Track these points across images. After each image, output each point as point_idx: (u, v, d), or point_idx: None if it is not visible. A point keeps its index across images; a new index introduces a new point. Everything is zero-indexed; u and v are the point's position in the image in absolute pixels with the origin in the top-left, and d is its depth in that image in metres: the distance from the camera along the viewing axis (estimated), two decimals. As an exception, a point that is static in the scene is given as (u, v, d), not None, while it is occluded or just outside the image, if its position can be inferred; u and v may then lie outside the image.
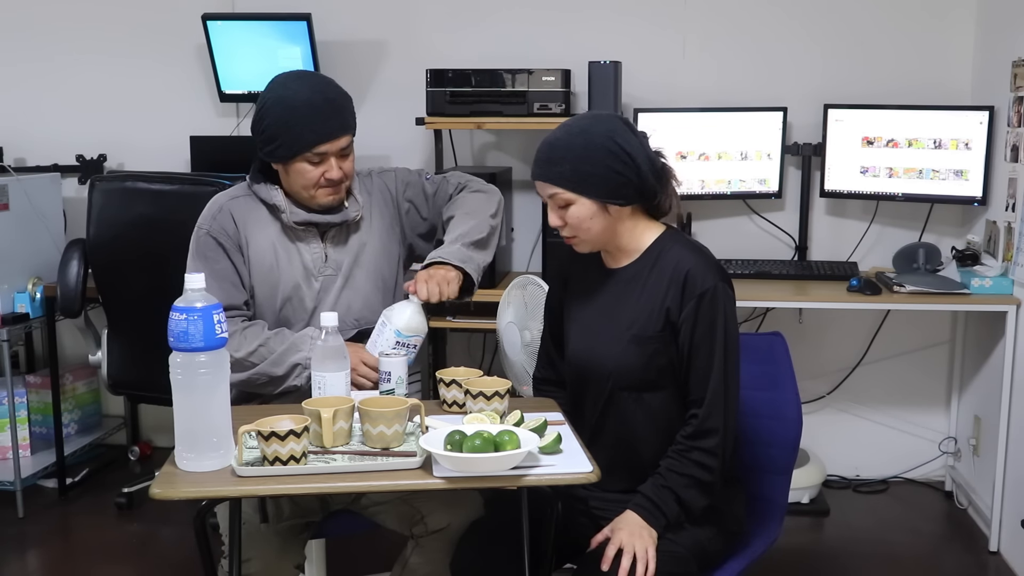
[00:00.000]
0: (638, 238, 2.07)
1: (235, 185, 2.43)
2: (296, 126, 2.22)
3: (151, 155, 4.00)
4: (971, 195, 3.48)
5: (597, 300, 2.11)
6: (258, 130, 2.28)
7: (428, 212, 2.49)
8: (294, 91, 2.24)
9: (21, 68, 4.11)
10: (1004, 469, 3.22)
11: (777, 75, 3.79)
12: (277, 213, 2.33)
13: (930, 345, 3.85)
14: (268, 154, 2.28)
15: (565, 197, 1.99)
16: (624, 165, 1.97)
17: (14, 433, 3.62)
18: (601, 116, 2.05)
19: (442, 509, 2.19)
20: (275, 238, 2.34)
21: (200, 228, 2.35)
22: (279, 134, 2.23)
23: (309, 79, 2.30)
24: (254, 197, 2.36)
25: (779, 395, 2.21)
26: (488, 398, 2.06)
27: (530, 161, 4.00)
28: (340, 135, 2.26)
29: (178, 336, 1.77)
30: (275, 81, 2.31)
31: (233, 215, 2.34)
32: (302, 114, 2.22)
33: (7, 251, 3.60)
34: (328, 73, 3.85)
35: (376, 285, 2.40)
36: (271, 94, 2.27)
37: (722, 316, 1.98)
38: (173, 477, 1.78)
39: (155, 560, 3.30)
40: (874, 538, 3.42)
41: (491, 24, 3.87)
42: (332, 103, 2.27)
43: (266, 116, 2.25)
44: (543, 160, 2.01)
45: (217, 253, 2.31)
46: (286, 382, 2.26)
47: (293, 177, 2.28)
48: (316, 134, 2.22)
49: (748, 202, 3.80)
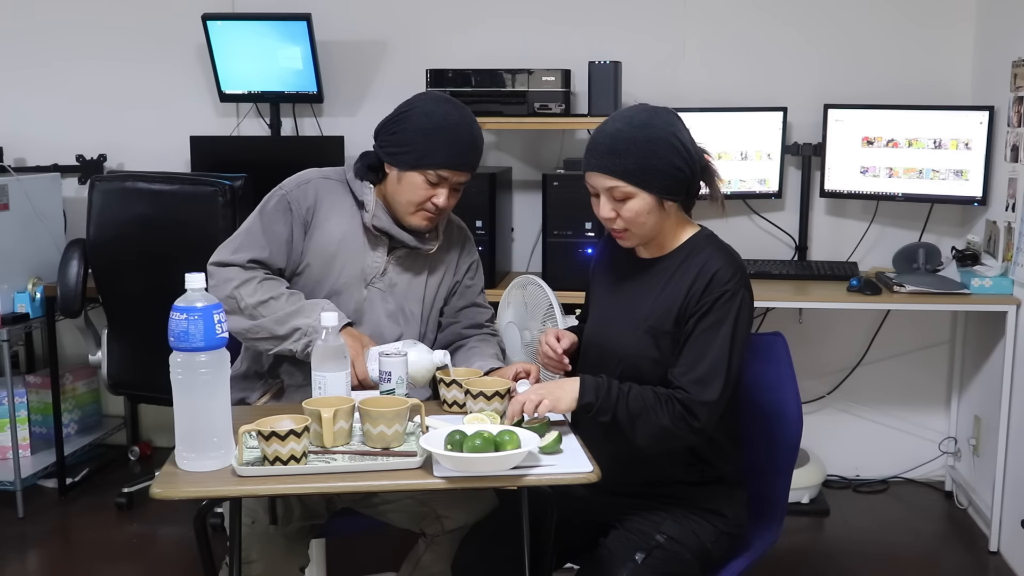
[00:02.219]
0: (675, 235, 2.08)
1: (332, 167, 2.42)
2: (434, 141, 2.21)
3: (151, 155, 4.00)
4: (971, 195, 3.48)
5: (622, 286, 2.12)
6: (390, 130, 2.26)
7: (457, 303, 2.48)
8: (446, 112, 2.24)
9: (21, 68, 4.11)
10: (1004, 469, 3.22)
11: (777, 75, 3.79)
12: (361, 210, 2.32)
13: (930, 345, 3.85)
14: (391, 155, 2.26)
15: (625, 191, 1.97)
16: (683, 161, 1.97)
17: (14, 433, 3.62)
18: (659, 110, 2.02)
19: (459, 508, 2.20)
20: (347, 232, 2.32)
21: (280, 188, 2.34)
22: (414, 141, 2.22)
23: (461, 108, 2.29)
24: (345, 185, 2.35)
25: (779, 395, 2.20)
26: (488, 398, 2.06)
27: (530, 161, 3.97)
28: (465, 169, 2.26)
29: (178, 336, 1.77)
30: (427, 95, 2.30)
31: (318, 192, 2.33)
32: (445, 134, 2.21)
33: (7, 251, 3.60)
34: (328, 73, 3.87)
35: (408, 318, 2.38)
36: (421, 106, 2.25)
37: (732, 318, 1.96)
38: (173, 477, 1.78)
39: (155, 560, 3.30)
40: (874, 538, 3.42)
41: (491, 24, 3.87)
42: (475, 138, 2.27)
43: (407, 121, 2.24)
44: (605, 151, 1.97)
45: (284, 215, 2.30)
46: (284, 343, 2.23)
47: (403, 187, 2.26)
48: (449, 157, 2.22)
49: (748, 202, 3.80)
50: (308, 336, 2.18)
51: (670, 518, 2.04)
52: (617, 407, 1.93)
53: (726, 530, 2.08)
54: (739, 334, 1.96)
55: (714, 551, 2.06)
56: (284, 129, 3.98)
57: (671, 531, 2.01)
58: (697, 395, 1.93)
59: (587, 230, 3.43)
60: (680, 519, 2.04)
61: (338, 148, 3.77)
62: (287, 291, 2.28)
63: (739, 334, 1.96)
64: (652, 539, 2.00)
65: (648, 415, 1.93)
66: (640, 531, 2.02)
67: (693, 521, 2.05)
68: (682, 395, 1.94)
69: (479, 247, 3.43)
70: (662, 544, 1.99)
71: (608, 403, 1.94)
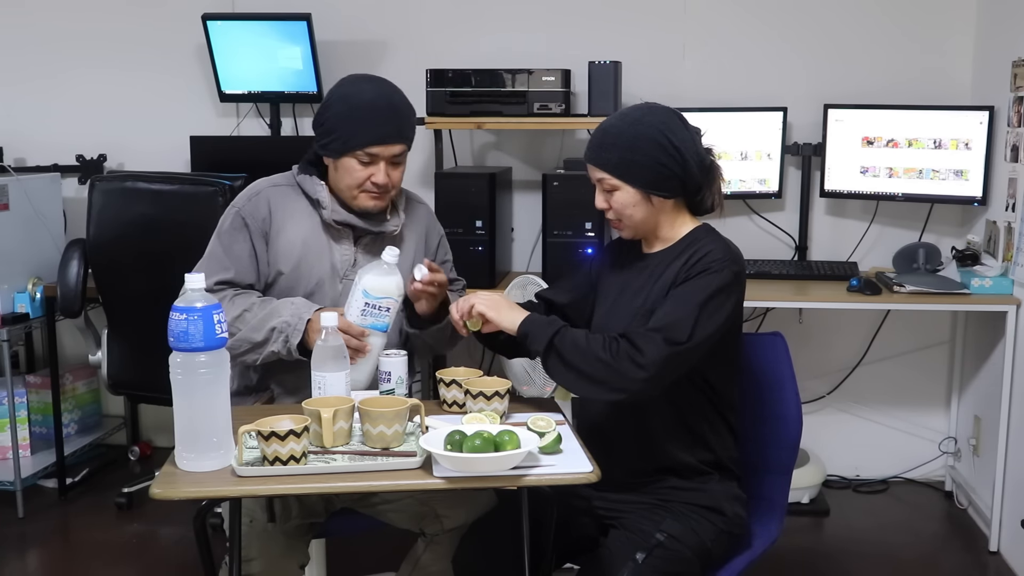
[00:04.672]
0: (676, 229, 2.12)
1: (280, 173, 2.43)
2: (354, 123, 2.23)
3: (151, 155, 4.00)
4: (971, 195, 3.48)
5: (625, 279, 2.17)
6: (318, 122, 2.29)
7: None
8: (360, 90, 2.27)
9: (21, 68, 4.11)
10: (1004, 469, 3.22)
11: (777, 75, 3.79)
12: (318, 208, 2.32)
13: (930, 345, 3.85)
14: (323, 147, 2.29)
15: (611, 183, 2.06)
16: (670, 158, 2.02)
17: (14, 433, 3.62)
18: (656, 108, 2.09)
19: (459, 507, 2.20)
20: (309, 232, 2.33)
21: (233, 206, 2.35)
22: (337, 128, 2.24)
23: (378, 83, 2.31)
24: (297, 188, 2.36)
25: (779, 395, 2.21)
26: (488, 398, 2.06)
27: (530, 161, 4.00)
28: (394, 141, 2.27)
29: (178, 336, 1.77)
30: (346, 79, 2.33)
31: (270, 201, 2.34)
32: (363, 113, 2.23)
33: (7, 251, 3.60)
34: (328, 73, 3.87)
35: None
36: (339, 90, 2.29)
37: (709, 289, 1.97)
38: (173, 477, 1.78)
39: (155, 560, 3.30)
40: (874, 538, 3.42)
41: (491, 24, 3.87)
42: (395, 109, 2.28)
43: (328, 109, 2.27)
44: (595, 144, 2.07)
45: (241, 232, 2.31)
46: (266, 347, 2.23)
47: (340, 174, 2.28)
48: (371, 134, 2.23)
49: (748, 202, 3.80)
50: (285, 332, 2.19)
51: (670, 516, 2.04)
52: (555, 337, 1.97)
53: (726, 529, 2.08)
54: (712, 304, 1.97)
55: (714, 550, 2.06)
56: (284, 129, 3.98)
57: (671, 529, 2.02)
58: (646, 333, 1.94)
59: (587, 230, 3.43)
60: (680, 517, 2.04)
61: (338, 148, 3.77)
62: (258, 300, 2.28)
63: (712, 304, 1.97)
64: (652, 538, 2.00)
65: (589, 348, 1.96)
66: (640, 530, 2.02)
67: (693, 520, 2.05)
68: (631, 333, 1.96)
69: (479, 247, 3.47)
70: (662, 543, 1.99)
71: (545, 331, 1.99)
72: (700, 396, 2.08)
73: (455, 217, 3.46)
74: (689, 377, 2.03)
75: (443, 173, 3.58)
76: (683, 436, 2.08)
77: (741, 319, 2.13)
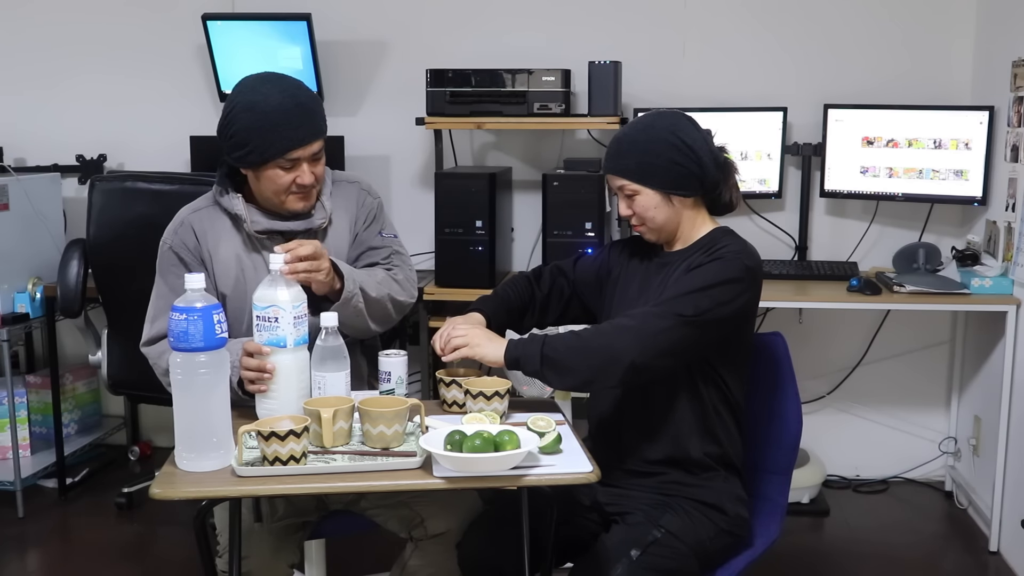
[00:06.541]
0: (696, 230, 2.17)
1: (201, 196, 2.35)
2: (268, 132, 2.13)
3: (151, 155, 4.00)
4: (971, 195, 3.48)
5: (642, 277, 2.20)
6: (226, 135, 2.18)
7: (369, 257, 2.38)
8: (264, 95, 2.16)
9: (21, 68, 4.11)
10: (1004, 469, 3.22)
11: (777, 75, 3.79)
12: (240, 223, 2.26)
13: (930, 345, 3.85)
14: (238, 159, 2.19)
15: (631, 188, 2.12)
16: (685, 157, 2.08)
17: (14, 433, 3.62)
18: (665, 113, 2.18)
19: (442, 513, 2.19)
20: (239, 249, 2.27)
21: (164, 243, 2.29)
22: (250, 139, 2.15)
23: (279, 83, 2.21)
24: (218, 208, 2.29)
25: (779, 395, 2.21)
26: (488, 398, 2.06)
27: (530, 161, 4.01)
28: (312, 140, 2.19)
29: (178, 336, 1.77)
30: (243, 84, 2.21)
31: (194, 228, 2.27)
32: (274, 120, 2.13)
33: (7, 251, 3.60)
34: (328, 73, 3.87)
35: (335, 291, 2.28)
36: (240, 98, 2.17)
37: (715, 274, 2.02)
38: (173, 477, 1.78)
39: (155, 560, 3.31)
40: (874, 538, 3.42)
41: (491, 24, 3.87)
42: (304, 107, 2.19)
43: (235, 121, 2.16)
44: (612, 154, 2.15)
45: (177, 268, 2.25)
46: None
47: (264, 183, 2.21)
48: (289, 140, 2.15)
49: (748, 202, 3.80)
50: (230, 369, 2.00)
51: (670, 512, 2.05)
52: (544, 348, 1.99)
53: (726, 528, 2.08)
54: (721, 289, 2.01)
55: (713, 548, 2.06)
56: (284, 129, 3.98)
57: (670, 525, 2.02)
58: (647, 308, 2.01)
59: (587, 230, 3.43)
60: (681, 513, 2.05)
61: (338, 148, 3.77)
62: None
63: (721, 289, 2.01)
64: (649, 534, 2.00)
65: (578, 339, 2.00)
66: (639, 524, 2.03)
67: (693, 516, 2.05)
68: (630, 312, 2.04)
69: (479, 247, 3.47)
70: (659, 539, 1.99)
71: (532, 348, 2.00)
72: (715, 391, 2.10)
73: (455, 217, 3.46)
74: (703, 370, 2.07)
75: (443, 173, 3.58)
76: (694, 425, 2.10)
77: (754, 319, 2.16)
